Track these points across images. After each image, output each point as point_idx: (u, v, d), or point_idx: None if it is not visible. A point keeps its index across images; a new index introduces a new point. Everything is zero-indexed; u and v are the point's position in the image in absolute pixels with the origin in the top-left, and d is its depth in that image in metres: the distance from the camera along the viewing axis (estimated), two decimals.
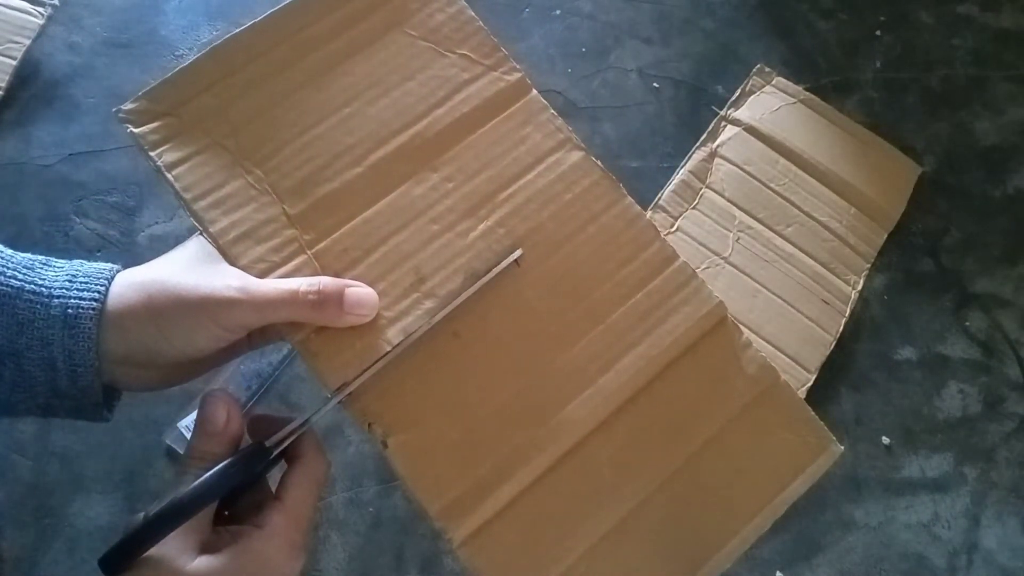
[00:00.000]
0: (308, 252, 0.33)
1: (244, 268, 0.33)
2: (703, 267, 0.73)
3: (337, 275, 0.33)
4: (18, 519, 0.63)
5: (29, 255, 0.34)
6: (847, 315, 0.74)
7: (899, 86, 0.88)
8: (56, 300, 0.32)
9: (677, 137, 0.80)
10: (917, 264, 0.80)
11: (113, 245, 0.65)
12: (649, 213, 0.75)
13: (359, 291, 0.32)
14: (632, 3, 0.86)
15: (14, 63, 0.76)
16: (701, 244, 0.75)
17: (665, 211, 0.75)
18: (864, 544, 0.68)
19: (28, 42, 0.77)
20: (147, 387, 0.35)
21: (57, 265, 0.34)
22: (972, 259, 0.81)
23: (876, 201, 0.80)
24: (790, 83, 0.84)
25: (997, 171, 0.86)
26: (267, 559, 0.30)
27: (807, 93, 0.84)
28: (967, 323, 0.78)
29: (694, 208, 0.76)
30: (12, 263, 0.33)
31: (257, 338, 0.36)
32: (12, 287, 0.32)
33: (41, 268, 0.33)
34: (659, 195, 0.76)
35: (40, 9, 0.79)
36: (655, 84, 0.82)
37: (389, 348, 0.32)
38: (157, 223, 0.67)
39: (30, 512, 0.63)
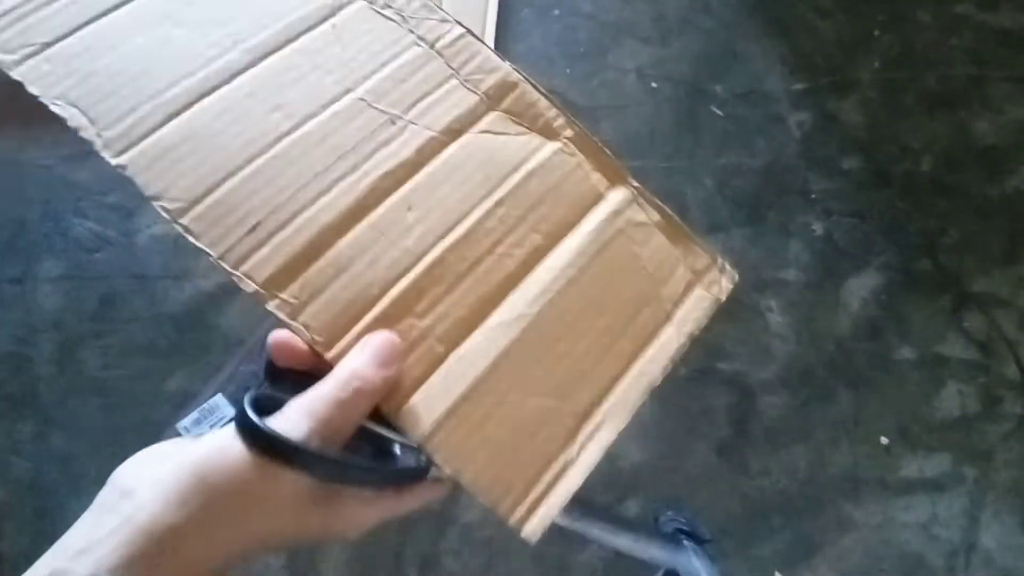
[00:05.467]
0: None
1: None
2: None
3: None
4: (18, 519, 0.63)
5: None
6: None
7: (898, 86, 0.88)
8: None
9: (676, 136, 0.80)
10: (915, 264, 0.80)
11: (112, 245, 0.65)
12: None
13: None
14: (631, 3, 0.86)
15: None
16: None
17: None
18: (863, 544, 0.68)
19: None
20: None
21: None
22: (970, 259, 0.81)
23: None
24: None
25: (995, 171, 0.86)
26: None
27: None
28: (965, 323, 0.79)
29: None
30: None
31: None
32: None
33: None
34: None
35: None
36: (653, 84, 0.82)
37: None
38: (156, 223, 0.67)
39: (30, 512, 0.63)
